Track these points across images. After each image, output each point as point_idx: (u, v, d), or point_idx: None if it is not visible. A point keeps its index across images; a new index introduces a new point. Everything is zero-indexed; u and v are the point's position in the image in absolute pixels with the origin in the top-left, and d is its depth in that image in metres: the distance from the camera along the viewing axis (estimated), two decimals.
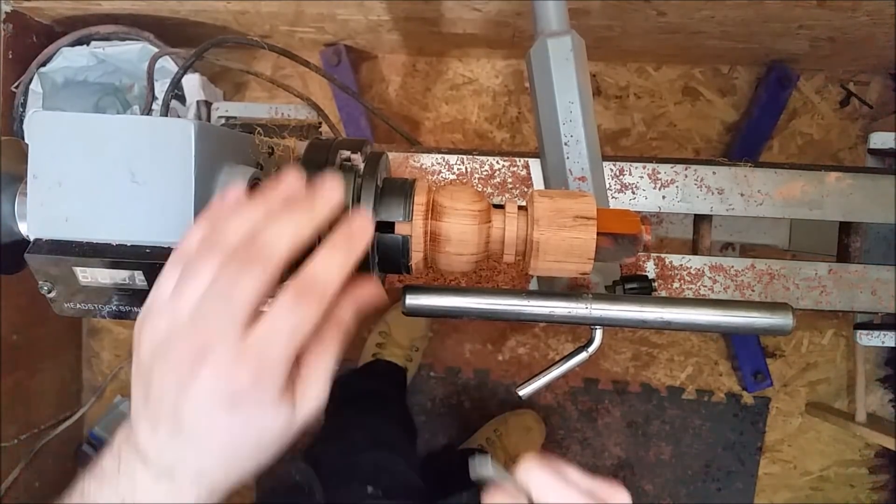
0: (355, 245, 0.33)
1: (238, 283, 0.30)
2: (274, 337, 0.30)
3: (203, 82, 0.86)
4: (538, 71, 0.48)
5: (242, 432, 0.31)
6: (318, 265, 0.32)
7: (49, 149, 0.35)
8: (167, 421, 0.30)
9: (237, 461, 0.32)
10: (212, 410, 0.30)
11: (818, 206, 0.58)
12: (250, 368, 0.30)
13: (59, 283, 0.37)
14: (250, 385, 0.30)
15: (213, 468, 0.32)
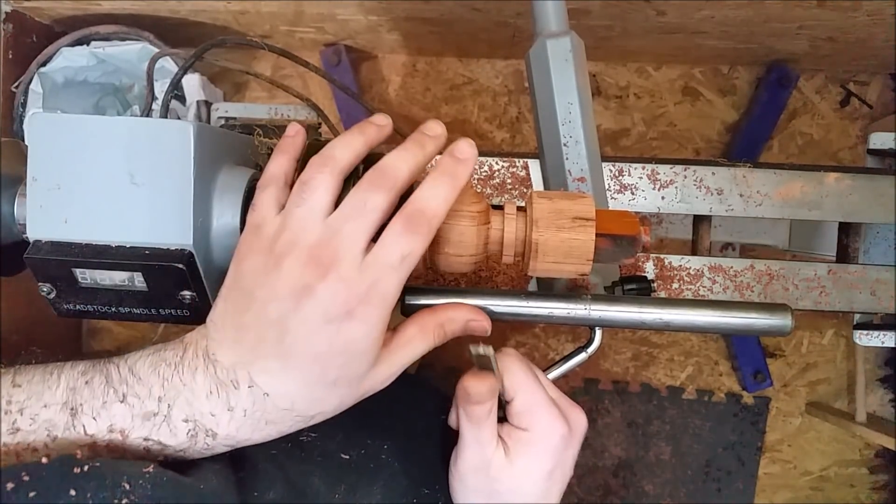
0: (459, 172, 0.35)
1: (368, 201, 0.33)
2: (388, 259, 0.32)
3: (203, 82, 0.86)
4: (537, 71, 0.48)
5: (339, 349, 0.33)
6: (425, 193, 0.34)
7: (48, 151, 0.35)
8: (267, 329, 0.32)
9: (317, 384, 0.33)
10: (321, 321, 0.32)
11: (818, 207, 0.58)
12: (367, 285, 0.32)
13: (58, 285, 0.37)
14: (362, 302, 0.32)
15: (292, 386, 0.33)
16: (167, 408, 0.33)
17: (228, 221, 0.38)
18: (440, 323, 0.38)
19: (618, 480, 1.12)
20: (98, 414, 0.33)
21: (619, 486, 1.12)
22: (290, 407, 0.34)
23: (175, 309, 0.38)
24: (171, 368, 0.34)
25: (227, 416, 0.33)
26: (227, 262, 0.40)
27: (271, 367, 0.33)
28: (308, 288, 0.32)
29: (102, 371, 0.35)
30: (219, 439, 0.34)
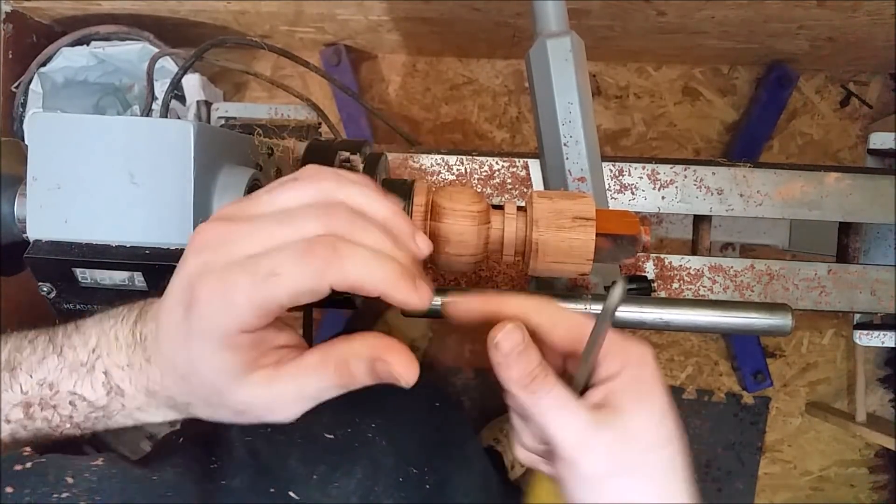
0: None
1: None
2: (259, 265, 0.27)
3: (203, 82, 0.86)
4: (537, 71, 0.48)
5: (182, 331, 0.29)
6: (356, 251, 0.28)
7: (48, 150, 0.35)
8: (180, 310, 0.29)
9: (174, 369, 0.31)
10: (176, 293, 0.29)
11: (818, 207, 0.58)
12: (222, 274, 0.27)
13: (58, 284, 0.37)
14: (207, 286, 0.27)
15: (160, 358, 0.31)
16: (95, 358, 0.33)
17: None
18: (343, 358, 0.29)
19: None
20: (34, 370, 0.33)
21: None
22: (160, 380, 0.32)
23: None
24: (115, 319, 0.34)
25: (129, 371, 0.32)
26: None
27: (155, 330, 0.31)
28: (185, 255, 0.29)
29: (48, 331, 0.35)
30: (126, 398, 0.33)
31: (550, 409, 0.31)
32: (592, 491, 0.31)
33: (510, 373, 0.32)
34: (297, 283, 0.27)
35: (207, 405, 0.31)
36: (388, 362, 0.29)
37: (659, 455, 0.32)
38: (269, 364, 0.29)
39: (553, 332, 0.33)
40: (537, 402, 0.32)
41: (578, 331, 0.33)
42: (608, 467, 0.31)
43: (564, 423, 0.31)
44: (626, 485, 0.31)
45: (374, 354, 0.29)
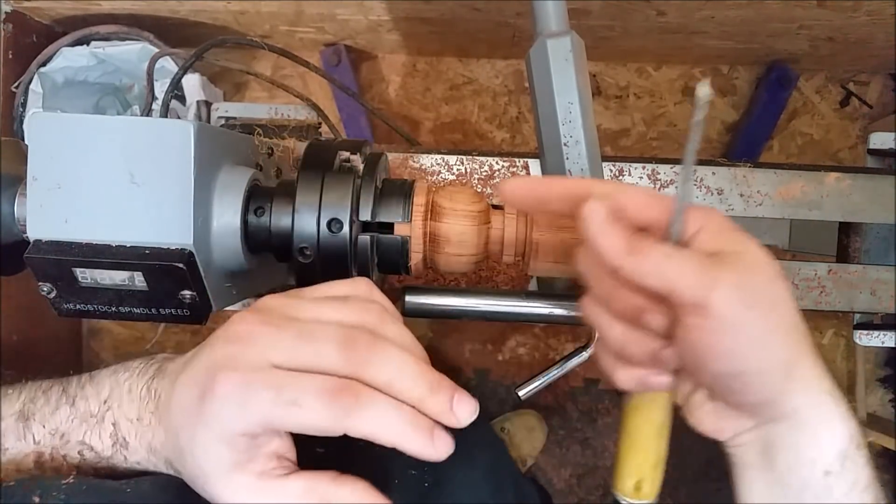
0: (415, 436, 0.28)
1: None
2: (286, 392, 0.28)
3: (203, 82, 0.86)
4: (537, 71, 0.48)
5: (189, 415, 0.30)
6: (376, 399, 0.28)
7: (48, 150, 0.35)
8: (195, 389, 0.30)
9: (173, 441, 0.31)
10: (191, 375, 0.30)
11: (818, 207, 0.58)
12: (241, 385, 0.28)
13: (58, 284, 0.37)
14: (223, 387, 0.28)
15: (162, 427, 0.32)
16: (106, 410, 0.34)
17: (229, 221, 0.38)
18: (327, 495, 0.29)
19: None
20: (46, 420, 0.34)
21: None
22: (163, 441, 0.33)
23: (175, 308, 0.38)
24: (129, 372, 0.35)
25: (137, 425, 0.33)
26: (227, 261, 0.40)
27: (168, 393, 0.32)
28: (215, 337, 0.31)
29: (62, 382, 0.36)
30: (130, 451, 0.34)
31: (664, 261, 0.29)
32: (731, 331, 0.29)
33: (611, 240, 0.30)
34: (314, 420, 0.27)
35: (193, 483, 0.31)
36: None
37: (783, 285, 0.30)
38: (255, 471, 0.29)
39: (629, 205, 0.32)
40: (645, 260, 0.29)
41: (650, 198, 0.32)
42: (742, 299, 0.28)
43: (684, 267, 0.29)
44: (763, 324, 0.29)
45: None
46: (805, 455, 0.31)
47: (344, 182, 0.39)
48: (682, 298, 0.29)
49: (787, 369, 0.30)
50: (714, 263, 0.29)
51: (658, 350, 0.31)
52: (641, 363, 0.33)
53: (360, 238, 0.39)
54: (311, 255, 0.39)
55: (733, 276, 0.29)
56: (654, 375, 0.33)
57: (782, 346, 0.30)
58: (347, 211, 0.38)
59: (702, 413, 0.34)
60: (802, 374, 0.30)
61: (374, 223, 0.40)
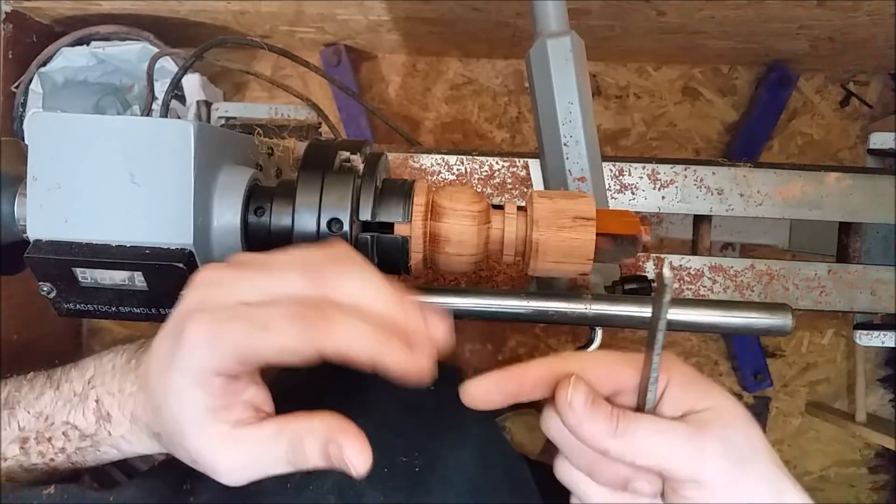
0: (389, 349, 0.28)
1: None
2: (254, 315, 0.27)
3: (203, 82, 0.86)
4: (538, 71, 0.48)
5: (164, 357, 0.29)
6: (345, 319, 0.27)
7: (49, 150, 0.35)
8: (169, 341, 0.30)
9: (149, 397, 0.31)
10: (168, 326, 0.30)
11: (818, 207, 0.58)
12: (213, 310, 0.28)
13: (58, 284, 0.37)
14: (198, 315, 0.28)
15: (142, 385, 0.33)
16: (90, 388, 0.34)
17: (229, 221, 0.38)
18: (298, 434, 0.28)
19: None
20: (31, 406, 0.34)
21: None
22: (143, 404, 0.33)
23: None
24: (112, 353, 0.35)
25: (119, 397, 0.34)
26: None
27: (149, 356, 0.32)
28: (187, 290, 0.30)
29: (47, 371, 0.36)
30: (113, 424, 0.34)
31: (649, 439, 0.30)
32: (726, 493, 0.30)
33: (595, 426, 0.31)
34: (286, 342, 0.27)
35: (171, 442, 0.30)
36: (340, 445, 0.28)
37: (755, 429, 0.32)
38: (230, 420, 0.29)
39: (592, 377, 0.32)
40: (632, 440, 0.30)
41: (611, 366, 0.33)
42: (729, 462, 0.30)
43: (671, 442, 0.30)
44: (753, 476, 0.31)
45: (330, 436, 0.28)
46: None
47: (344, 182, 0.39)
48: (677, 475, 0.30)
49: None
50: (698, 431, 0.30)
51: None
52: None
53: (361, 238, 0.40)
54: None
55: (718, 442, 0.30)
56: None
57: (771, 489, 0.31)
58: (347, 211, 0.38)
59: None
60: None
61: (374, 223, 0.40)
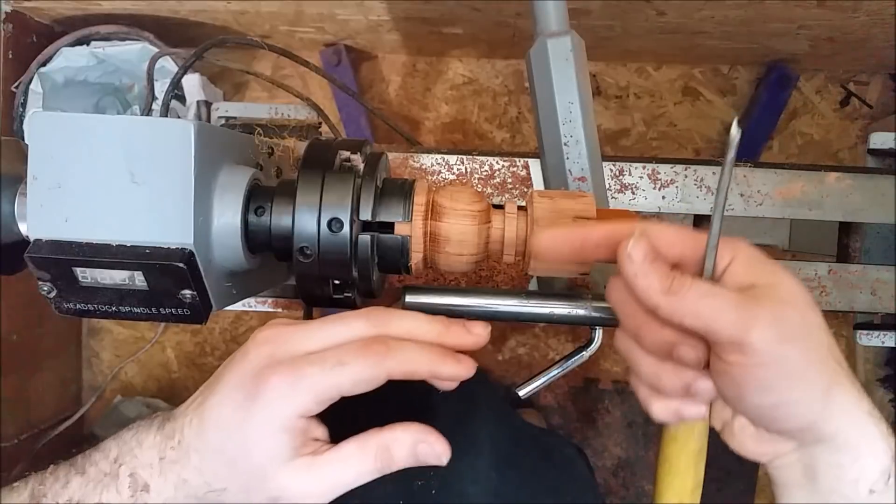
0: (444, 364, 0.34)
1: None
2: (323, 358, 0.32)
3: (203, 82, 0.86)
4: (538, 71, 0.48)
5: (239, 421, 0.32)
6: (406, 343, 0.33)
7: (49, 149, 0.35)
8: (205, 388, 0.34)
9: (217, 455, 0.33)
10: (234, 384, 0.33)
11: (818, 207, 0.58)
12: (288, 364, 0.32)
13: (58, 284, 0.37)
14: (276, 376, 0.32)
15: (202, 445, 0.33)
16: (118, 467, 0.34)
17: (229, 220, 0.38)
18: (384, 444, 0.33)
19: (618, 480, 1.12)
20: (58, 495, 0.34)
21: (619, 486, 1.12)
22: (199, 468, 0.33)
23: (176, 308, 0.38)
24: (133, 430, 0.36)
25: (159, 467, 0.34)
26: (227, 260, 0.40)
27: (193, 420, 0.34)
28: (245, 352, 0.34)
29: (68, 461, 0.36)
30: (151, 494, 0.34)
31: (700, 300, 0.30)
32: (771, 366, 0.30)
33: (649, 280, 0.32)
34: (360, 373, 0.32)
35: (244, 490, 0.33)
36: (431, 443, 0.33)
37: (815, 314, 0.31)
38: (309, 452, 0.33)
39: (659, 242, 0.33)
40: (683, 300, 0.31)
41: (679, 234, 0.33)
42: (779, 334, 0.30)
43: (720, 306, 0.30)
44: (801, 356, 0.30)
45: (419, 437, 0.33)
46: (848, 475, 0.31)
47: (344, 182, 0.39)
48: (721, 337, 0.30)
49: (825, 396, 0.31)
50: (749, 300, 0.30)
51: (691, 382, 0.32)
52: (675, 395, 0.34)
53: (361, 238, 0.39)
54: (311, 255, 0.39)
55: (769, 312, 0.30)
56: (689, 406, 0.34)
57: (819, 375, 0.31)
58: (348, 210, 0.38)
59: (742, 438, 0.35)
60: (840, 399, 0.31)
61: (374, 223, 0.40)
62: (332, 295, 0.41)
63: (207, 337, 1.13)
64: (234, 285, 0.42)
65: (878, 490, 0.31)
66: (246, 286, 0.44)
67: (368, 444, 0.33)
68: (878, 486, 0.31)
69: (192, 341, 1.14)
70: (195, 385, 1.14)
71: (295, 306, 0.61)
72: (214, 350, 1.13)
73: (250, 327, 1.12)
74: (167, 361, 1.15)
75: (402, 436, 0.33)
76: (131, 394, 1.16)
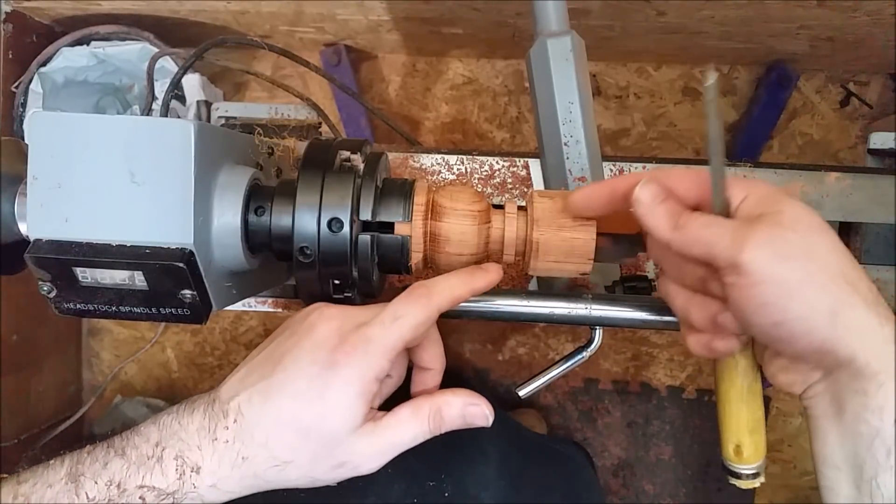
0: (477, 276, 0.39)
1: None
2: (381, 317, 0.35)
3: (203, 82, 0.86)
4: (538, 71, 0.48)
5: (317, 392, 0.34)
6: (439, 279, 0.38)
7: (49, 149, 0.35)
8: (266, 363, 0.36)
9: (290, 425, 0.34)
10: (308, 360, 0.35)
11: (818, 206, 0.58)
12: (357, 334, 0.35)
13: (58, 284, 0.37)
14: (348, 345, 0.34)
15: (269, 420, 0.35)
16: (161, 450, 0.34)
17: (229, 220, 0.38)
18: (436, 407, 0.37)
19: (618, 480, 1.12)
20: (98, 475, 0.34)
21: (619, 486, 1.12)
22: (264, 443, 0.34)
23: (176, 308, 0.38)
24: (172, 414, 0.36)
25: (211, 447, 0.34)
26: (227, 260, 0.40)
27: (255, 397, 0.35)
28: (311, 328, 0.36)
29: (105, 441, 0.36)
30: (203, 476, 0.34)
31: (701, 230, 0.33)
32: (765, 285, 0.30)
33: (658, 220, 0.34)
34: (417, 316, 0.35)
35: (311, 460, 0.35)
36: (480, 404, 0.38)
37: (823, 237, 0.32)
38: (370, 419, 0.35)
39: (678, 186, 0.35)
40: (688, 232, 0.33)
41: (698, 177, 0.35)
42: (774, 253, 0.30)
43: (719, 232, 0.32)
44: (800, 274, 0.30)
45: (469, 400, 0.37)
46: (872, 402, 0.31)
47: (344, 181, 0.39)
48: (720, 261, 0.32)
49: (832, 315, 0.30)
50: (746, 225, 0.32)
51: (716, 314, 0.34)
52: (704, 328, 0.36)
53: (361, 238, 0.39)
54: (311, 255, 0.39)
55: (764, 234, 0.31)
56: (718, 340, 0.35)
57: (823, 293, 0.30)
58: (348, 210, 0.38)
59: (774, 369, 0.36)
60: (852, 321, 0.31)
61: (374, 223, 0.40)
62: (332, 295, 0.41)
63: (207, 337, 1.13)
64: (234, 285, 0.42)
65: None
66: (246, 286, 0.44)
67: (422, 408, 0.36)
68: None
69: (192, 341, 1.14)
70: (195, 385, 1.14)
71: (295, 306, 0.61)
72: (214, 350, 1.13)
73: (250, 327, 1.12)
74: (167, 361, 1.15)
75: (452, 399, 0.37)
76: (131, 394, 1.16)
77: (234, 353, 1.12)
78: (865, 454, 0.31)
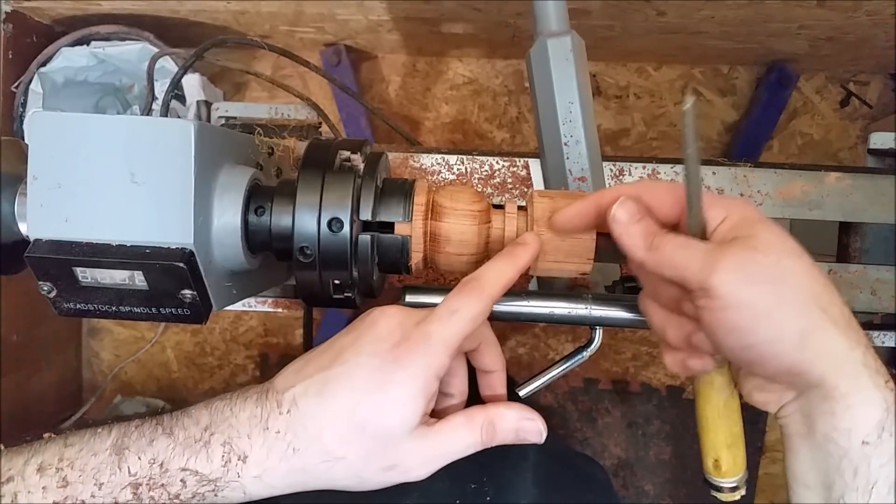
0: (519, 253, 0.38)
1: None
2: (438, 312, 0.35)
3: (203, 82, 0.86)
4: (538, 71, 0.48)
5: (375, 386, 0.34)
6: (486, 268, 0.37)
7: (49, 149, 0.35)
8: (324, 355, 0.36)
9: (346, 420, 0.34)
10: (368, 353, 0.34)
11: (818, 206, 0.58)
12: (418, 331, 0.34)
13: (59, 283, 0.37)
14: (409, 342, 0.34)
15: (324, 413, 0.34)
16: (210, 435, 0.34)
17: (229, 220, 0.38)
18: (490, 419, 0.36)
19: (618, 480, 1.12)
20: (143, 451, 0.34)
21: (619, 486, 1.12)
22: (317, 436, 0.34)
23: (176, 308, 0.38)
24: (225, 400, 0.36)
25: (262, 437, 0.34)
26: (227, 260, 0.40)
27: (312, 388, 0.34)
28: (373, 323, 0.35)
29: (154, 417, 0.36)
30: (249, 465, 0.34)
31: (674, 252, 0.33)
32: (734, 308, 0.31)
33: (632, 240, 0.35)
34: (473, 308, 0.35)
35: (363, 458, 0.34)
36: (535, 419, 0.37)
37: (796, 262, 0.32)
38: (424, 423, 0.35)
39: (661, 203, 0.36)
40: (661, 254, 0.34)
41: (681, 194, 0.35)
42: (744, 277, 0.31)
43: (690, 255, 0.32)
44: (769, 298, 0.31)
45: (523, 415, 0.37)
46: (840, 424, 0.31)
47: (344, 181, 0.39)
48: (690, 284, 0.32)
49: (802, 339, 0.31)
50: (719, 249, 0.32)
51: (690, 333, 0.35)
52: (680, 346, 0.37)
53: (361, 237, 0.40)
54: (311, 255, 0.39)
55: (735, 258, 0.31)
56: (693, 358, 0.36)
57: (792, 317, 0.31)
58: (348, 210, 0.38)
59: (749, 388, 0.37)
60: (823, 345, 0.31)
61: (374, 222, 0.40)
62: (332, 295, 0.41)
63: (207, 337, 1.13)
64: (234, 285, 0.42)
65: (872, 442, 0.30)
66: (246, 286, 0.44)
67: (475, 419, 0.36)
68: (871, 438, 0.30)
69: (192, 341, 1.14)
70: (195, 385, 1.14)
71: (295, 306, 0.61)
72: (214, 350, 1.13)
73: (250, 327, 1.12)
74: (167, 361, 1.15)
75: (506, 413, 0.37)
76: (131, 394, 1.16)
77: (233, 353, 1.12)
78: (834, 474, 0.31)
